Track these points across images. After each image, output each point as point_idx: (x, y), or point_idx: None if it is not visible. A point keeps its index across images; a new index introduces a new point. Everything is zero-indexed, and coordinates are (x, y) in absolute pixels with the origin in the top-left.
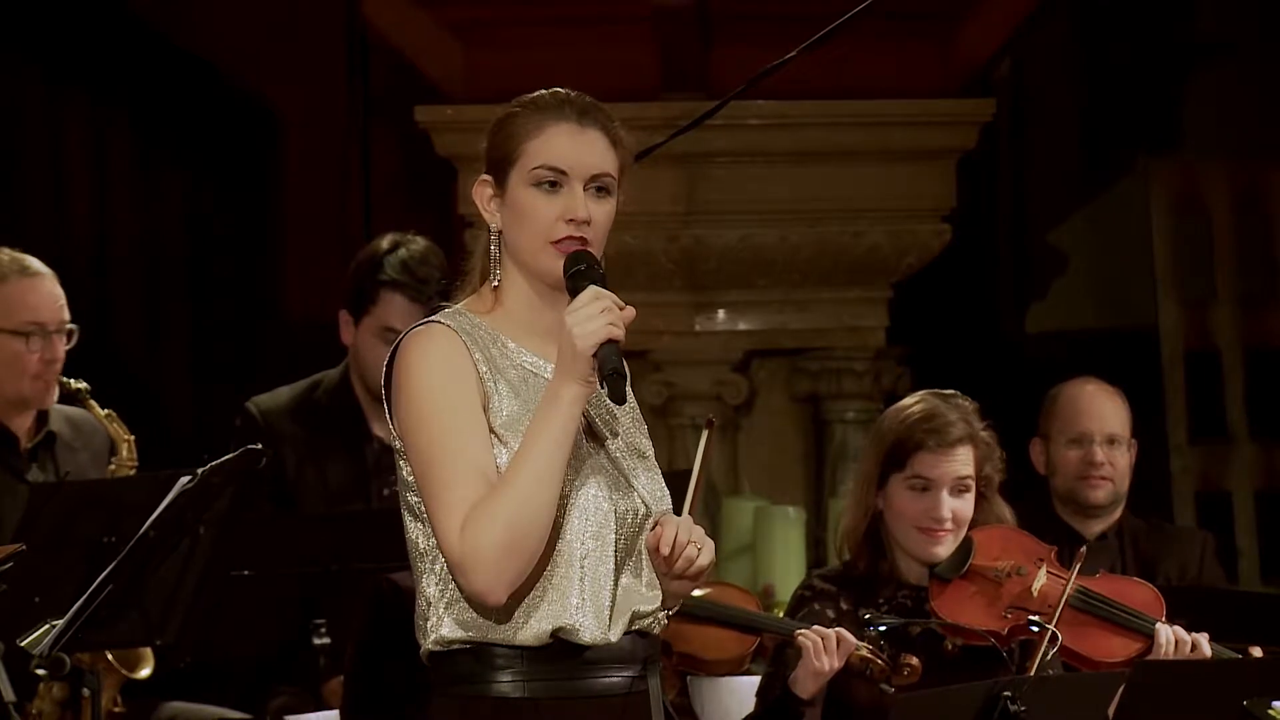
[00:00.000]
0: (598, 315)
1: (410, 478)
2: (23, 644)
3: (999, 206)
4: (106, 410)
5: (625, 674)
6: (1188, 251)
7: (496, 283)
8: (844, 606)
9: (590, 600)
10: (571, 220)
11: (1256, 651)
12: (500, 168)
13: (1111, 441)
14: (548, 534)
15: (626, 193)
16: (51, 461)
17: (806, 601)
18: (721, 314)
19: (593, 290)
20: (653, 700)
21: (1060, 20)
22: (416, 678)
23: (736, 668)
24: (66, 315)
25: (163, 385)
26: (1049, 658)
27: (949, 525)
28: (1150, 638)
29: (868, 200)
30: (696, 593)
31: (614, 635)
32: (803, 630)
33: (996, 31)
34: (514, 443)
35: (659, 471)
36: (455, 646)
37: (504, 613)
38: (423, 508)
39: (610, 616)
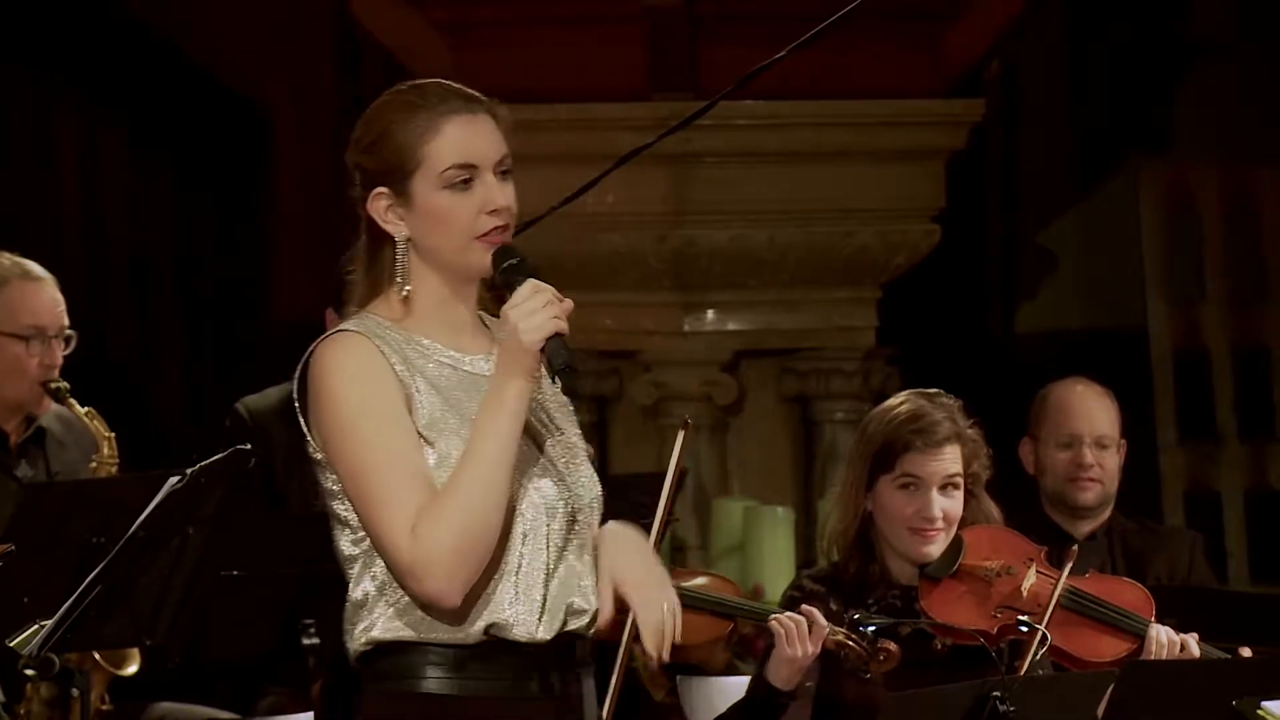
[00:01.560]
0: (541, 309)
1: (336, 487)
2: (11, 644)
3: (988, 207)
4: (87, 408)
5: (558, 674)
6: (1177, 252)
7: (407, 292)
8: (833, 607)
9: (524, 597)
10: (493, 211)
11: (1245, 652)
12: (397, 177)
13: (1101, 442)
14: (499, 533)
15: (617, 193)
16: (41, 457)
17: (796, 602)
18: (711, 314)
19: (532, 284)
20: (585, 702)
21: (1050, 21)
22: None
23: (710, 654)
24: (66, 320)
25: (154, 385)
26: (1039, 658)
27: (940, 524)
28: (1140, 638)
29: (857, 200)
30: (680, 582)
31: (547, 634)
32: (776, 615)
33: (986, 32)
34: (441, 442)
35: (589, 462)
36: (388, 645)
37: (441, 611)
38: (351, 516)
39: (544, 614)
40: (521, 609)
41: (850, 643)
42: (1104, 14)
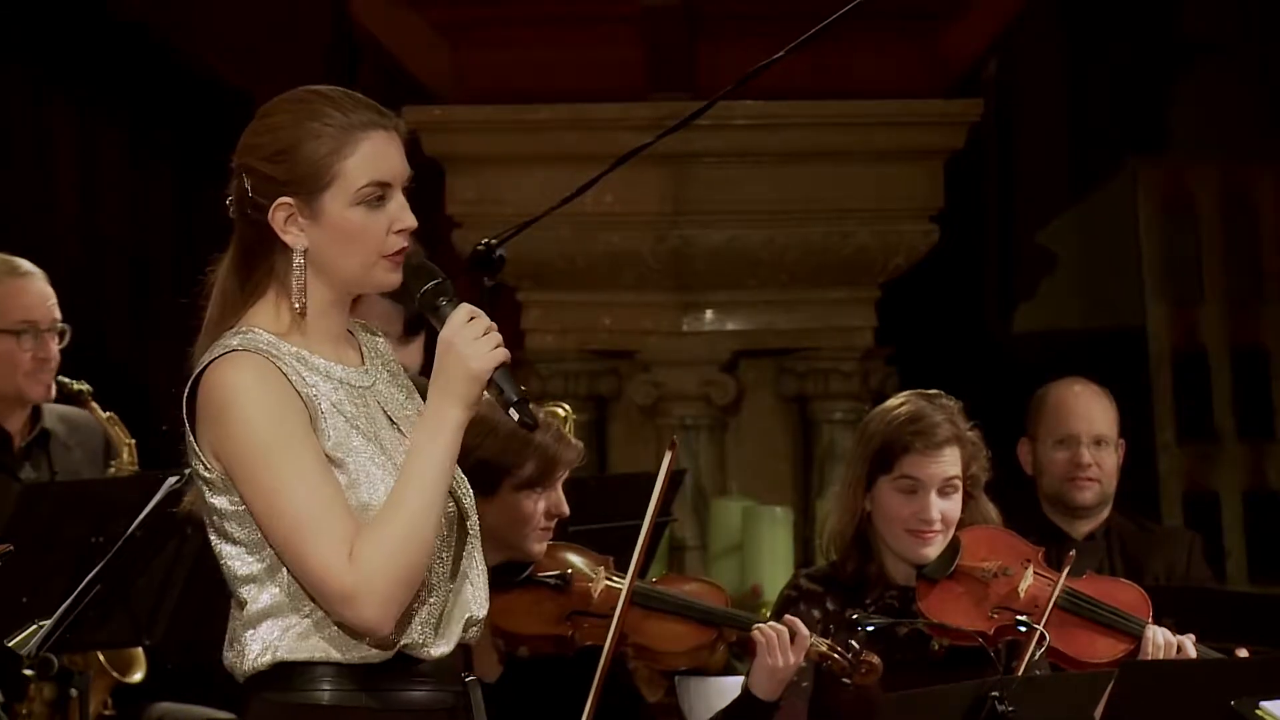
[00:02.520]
0: (484, 338)
1: (233, 508)
2: (10, 644)
3: (987, 207)
4: (109, 413)
5: (450, 688)
6: (1175, 252)
7: (302, 303)
8: (830, 607)
9: (429, 612)
10: (401, 231)
11: (1242, 652)
12: (306, 189)
13: (1099, 442)
14: (431, 560)
15: (615, 193)
16: (45, 460)
17: (793, 602)
18: (709, 314)
19: (467, 309)
20: (475, 711)
21: (1048, 21)
22: None
23: (694, 661)
24: (58, 314)
25: (152, 386)
26: (1036, 658)
27: (938, 526)
28: (1137, 639)
29: (855, 201)
30: (670, 588)
31: (448, 646)
32: (758, 625)
33: (984, 32)
34: (350, 463)
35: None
36: (289, 663)
37: (348, 633)
38: (246, 535)
39: (447, 629)
40: (431, 627)
41: (833, 654)
42: (1102, 14)
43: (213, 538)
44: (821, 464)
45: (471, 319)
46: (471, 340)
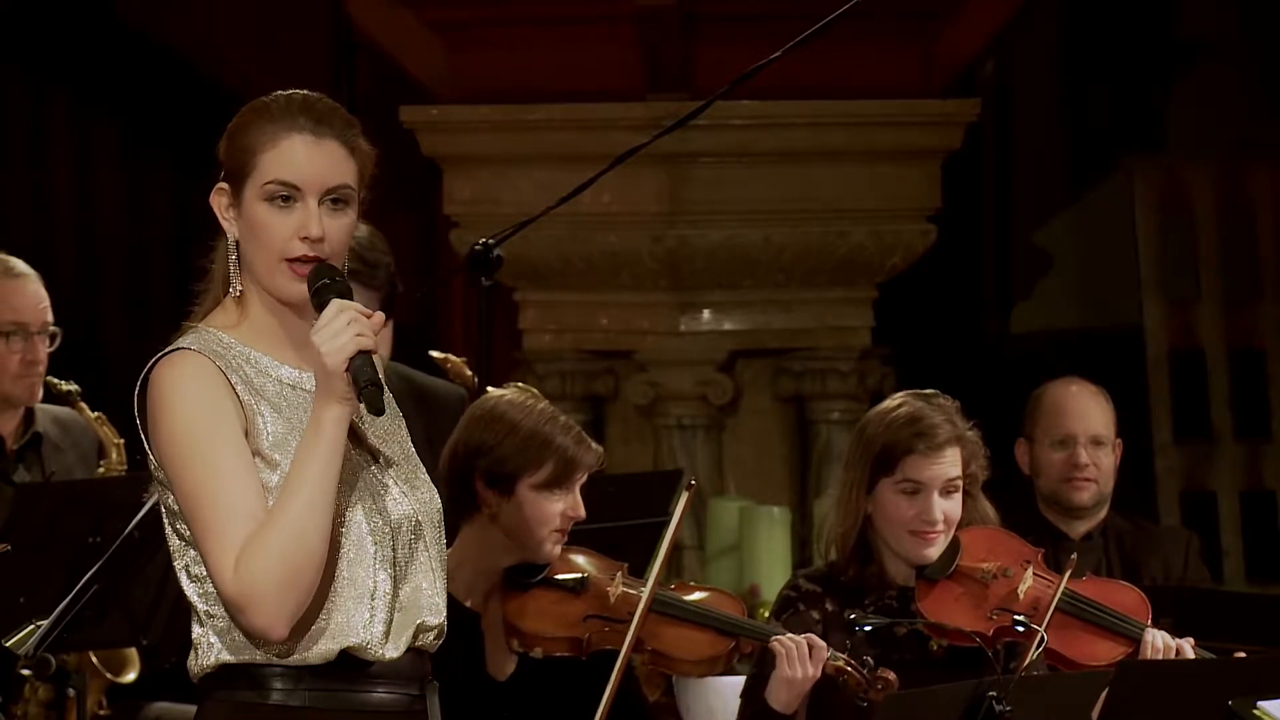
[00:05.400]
0: (344, 329)
1: (176, 507)
2: (8, 644)
3: (984, 207)
4: (97, 413)
5: (405, 691)
6: (1172, 251)
7: (238, 293)
8: (829, 608)
9: (374, 616)
10: (305, 238)
11: (1239, 654)
12: (235, 177)
13: (1096, 442)
14: (324, 562)
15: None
16: (38, 463)
17: (792, 603)
18: (706, 314)
19: (335, 304)
20: (431, 715)
21: (1045, 20)
22: None
23: (709, 669)
24: (49, 317)
25: None
26: (1035, 659)
27: (940, 527)
28: (1135, 642)
29: (852, 200)
30: (684, 596)
31: (397, 650)
32: (777, 636)
33: (981, 32)
34: (285, 462)
35: (423, 469)
36: (235, 666)
37: (290, 636)
38: (188, 534)
39: (391, 631)
40: (375, 631)
41: (849, 669)
42: (1098, 13)
43: (170, 535)
44: (819, 464)
45: (341, 312)
46: (330, 335)
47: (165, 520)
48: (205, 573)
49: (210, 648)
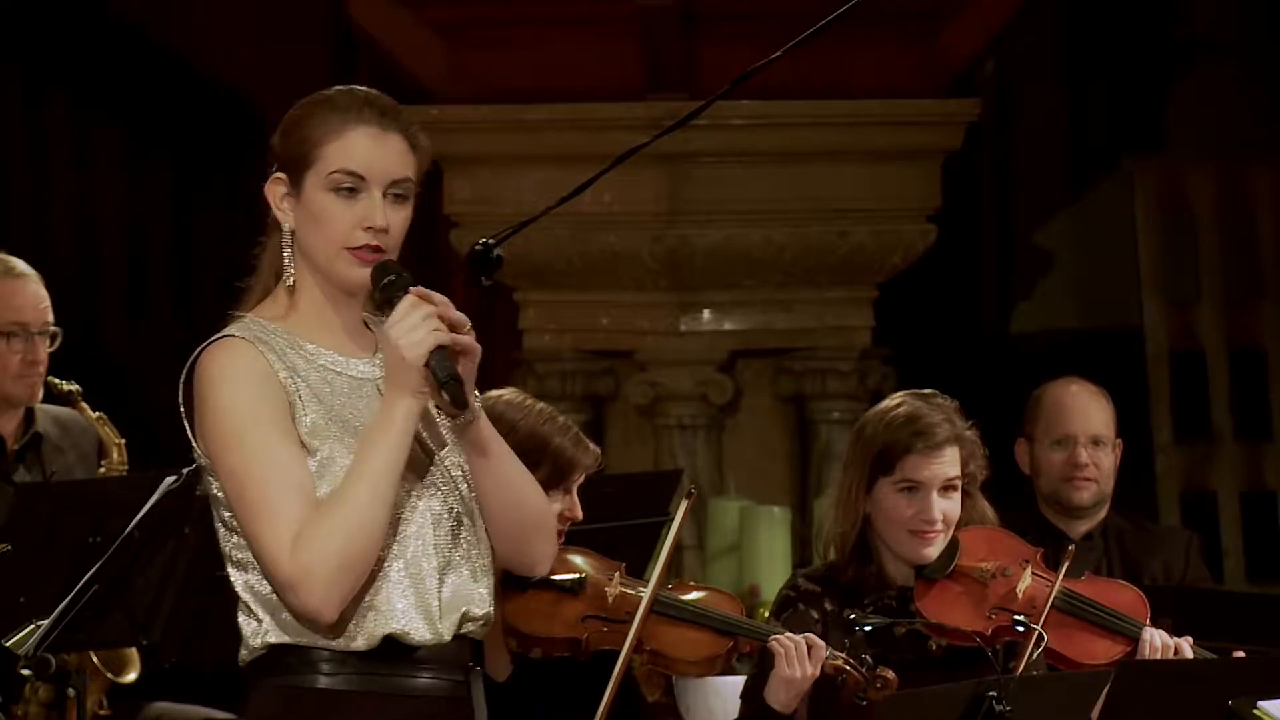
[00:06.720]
0: (421, 324)
1: (221, 494)
2: (8, 644)
3: (984, 207)
4: (98, 413)
5: (450, 676)
6: (1172, 252)
7: (291, 282)
8: (829, 607)
9: (418, 603)
10: (369, 228)
11: (1239, 654)
12: (295, 167)
13: (1096, 442)
14: (379, 549)
15: (612, 192)
16: (38, 463)
17: (791, 602)
18: (706, 314)
19: (410, 299)
20: (475, 704)
21: (1045, 20)
22: None
23: (708, 669)
24: (50, 317)
25: (148, 386)
26: (1034, 658)
27: (940, 526)
28: (1135, 641)
29: (853, 200)
30: (682, 595)
31: (444, 635)
32: (776, 635)
33: (981, 31)
34: (323, 450)
35: (461, 461)
36: (282, 648)
37: (331, 625)
38: (232, 520)
39: (436, 619)
40: (418, 618)
41: (848, 668)
42: (1099, 13)
43: (215, 522)
44: (819, 464)
45: (416, 307)
46: (408, 329)
47: (212, 509)
48: (249, 559)
49: (256, 633)
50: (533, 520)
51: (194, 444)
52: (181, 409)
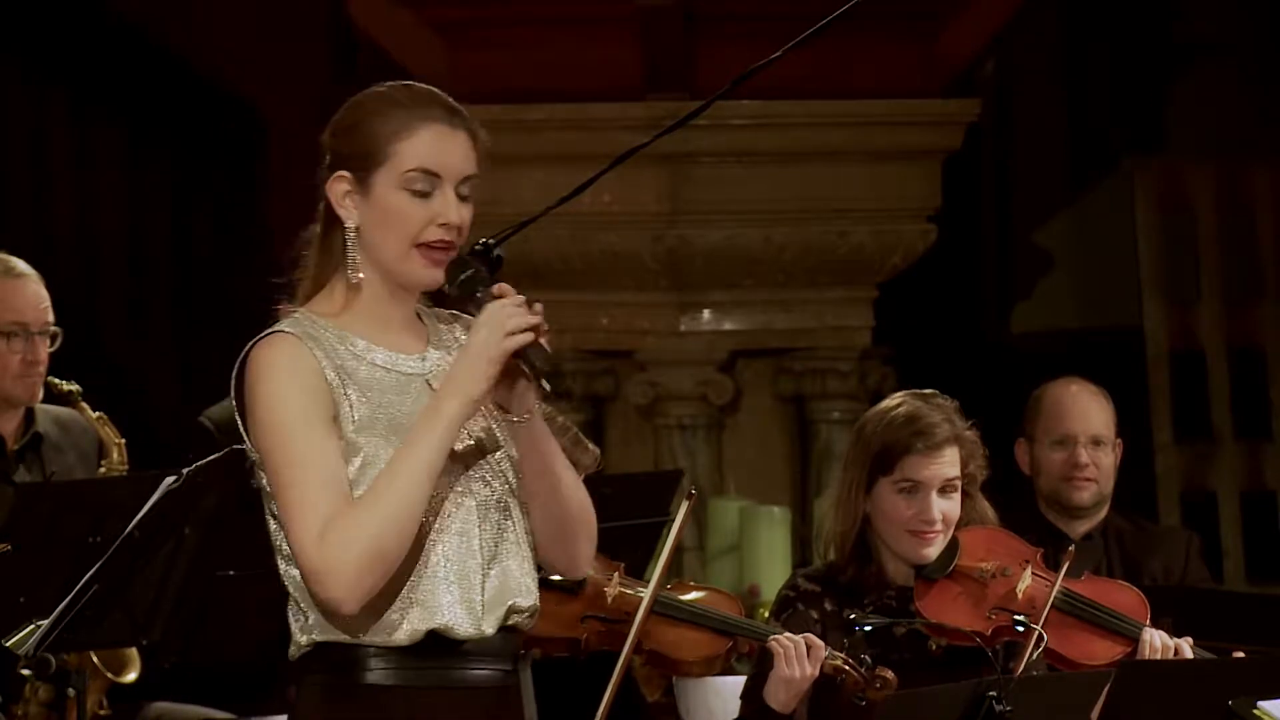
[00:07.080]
0: (516, 313)
1: (269, 488)
2: (8, 644)
3: (984, 207)
4: (98, 413)
5: (498, 667)
6: (1172, 251)
7: (357, 279)
8: (828, 607)
9: (462, 597)
10: (443, 225)
11: (1239, 654)
12: (363, 165)
13: (1096, 442)
14: (409, 545)
15: (612, 192)
16: (39, 463)
17: (791, 602)
18: (706, 314)
19: (498, 301)
20: (524, 695)
21: (1045, 20)
22: None
23: (707, 669)
24: (50, 317)
25: (148, 386)
26: (1034, 658)
27: (939, 526)
28: (1135, 641)
29: (853, 200)
30: (681, 595)
31: (489, 629)
32: (775, 635)
33: (981, 31)
34: (368, 447)
35: (510, 452)
36: (328, 645)
37: (376, 616)
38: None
39: (481, 613)
40: (461, 611)
41: (848, 668)
42: (1099, 13)
43: (266, 515)
44: (819, 464)
45: (508, 300)
46: (504, 317)
47: (264, 502)
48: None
49: (303, 629)
50: (578, 519)
51: (245, 438)
52: (234, 403)
